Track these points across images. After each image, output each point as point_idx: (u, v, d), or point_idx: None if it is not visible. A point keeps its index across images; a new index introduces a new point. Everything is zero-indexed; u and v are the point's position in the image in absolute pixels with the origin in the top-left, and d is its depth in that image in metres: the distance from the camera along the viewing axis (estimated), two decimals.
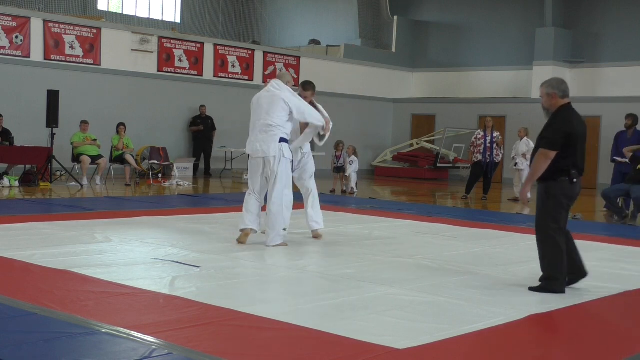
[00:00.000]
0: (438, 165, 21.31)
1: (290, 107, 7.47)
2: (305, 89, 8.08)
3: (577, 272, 6.03)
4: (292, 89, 7.76)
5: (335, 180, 15.84)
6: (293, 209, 7.86)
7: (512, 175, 15.89)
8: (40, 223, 8.48)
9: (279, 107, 7.44)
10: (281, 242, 7.54)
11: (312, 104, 8.00)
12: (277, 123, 7.44)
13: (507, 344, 4.53)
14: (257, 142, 7.50)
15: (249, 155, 7.77)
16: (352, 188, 15.29)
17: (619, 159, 12.63)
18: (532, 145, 13.96)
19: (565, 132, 5.75)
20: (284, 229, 7.56)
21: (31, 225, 8.30)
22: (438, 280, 6.13)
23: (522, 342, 4.55)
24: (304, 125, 8.02)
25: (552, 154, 5.73)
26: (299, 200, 8.22)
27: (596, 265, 7.21)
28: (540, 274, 5.94)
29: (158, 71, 18.12)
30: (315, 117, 7.74)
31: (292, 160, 7.70)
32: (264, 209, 7.80)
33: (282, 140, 7.47)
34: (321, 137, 8.08)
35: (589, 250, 8.20)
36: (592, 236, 9.33)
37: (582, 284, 6.22)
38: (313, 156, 8.51)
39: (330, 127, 7.97)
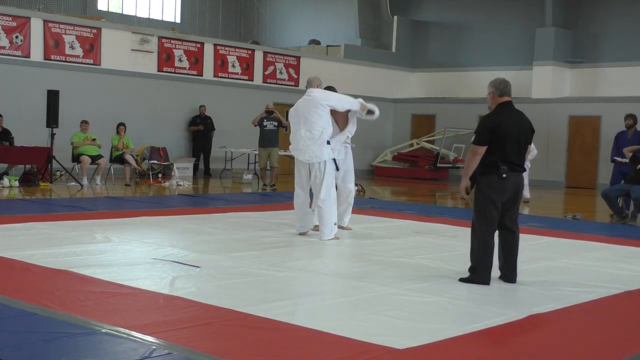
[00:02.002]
0: (438, 165, 21.31)
1: (330, 104, 8.10)
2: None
3: (507, 274, 6.12)
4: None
5: None
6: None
7: None
8: (40, 223, 8.47)
9: (320, 112, 8.03)
10: (334, 236, 8.06)
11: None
12: (322, 127, 8.04)
13: (507, 344, 4.53)
14: (308, 149, 8.07)
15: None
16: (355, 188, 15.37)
17: (619, 159, 12.61)
18: (532, 145, 13.97)
19: (489, 127, 5.91)
20: (335, 224, 8.12)
21: (31, 225, 8.29)
22: (438, 280, 6.12)
23: (522, 342, 4.55)
24: (343, 122, 8.62)
25: (480, 149, 5.91)
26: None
27: (596, 265, 7.22)
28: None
29: (158, 71, 18.12)
30: (352, 102, 8.39)
31: (335, 159, 8.32)
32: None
33: (327, 143, 8.11)
34: (369, 113, 8.57)
35: (589, 250, 8.22)
36: (592, 236, 9.34)
37: (583, 284, 6.23)
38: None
39: (369, 105, 8.52)
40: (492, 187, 5.93)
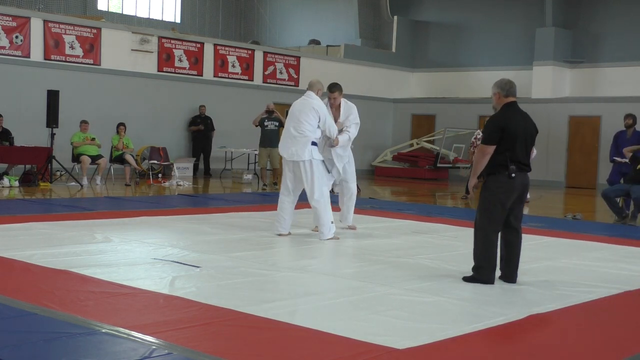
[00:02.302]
0: (438, 165, 21.31)
1: (319, 115, 8.13)
2: (332, 90, 8.72)
3: (508, 274, 6.12)
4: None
5: None
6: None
7: None
8: (40, 223, 8.47)
9: (310, 115, 8.10)
10: (333, 235, 8.11)
11: (337, 109, 8.67)
12: (309, 129, 8.09)
13: (507, 343, 4.53)
14: (292, 147, 8.12)
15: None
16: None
17: (618, 159, 12.61)
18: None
19: (499, 127, 5.94)
20: (332, 222, 8.16)
21: (31, 225, 8.29)
22: (438, 280, 6.12)
23: (522, 342, 4.55)
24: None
25: (489, 149, 5.94)
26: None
27: (596, 265, 7.22)
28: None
29: (158, 71, 18.11)
30: (333, 131, 8.42)
31: (324, 160, 8.34)
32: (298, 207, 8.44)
33: (313, 144, 8.12)
34: (332, 146, 8.69)
35: (589, 250, 8.22)
36: (592, 236, 9.34)
37: (583, 284, 6.23)
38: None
39: (341, 141, 8.55)
40: (501, 186, 5.94)
